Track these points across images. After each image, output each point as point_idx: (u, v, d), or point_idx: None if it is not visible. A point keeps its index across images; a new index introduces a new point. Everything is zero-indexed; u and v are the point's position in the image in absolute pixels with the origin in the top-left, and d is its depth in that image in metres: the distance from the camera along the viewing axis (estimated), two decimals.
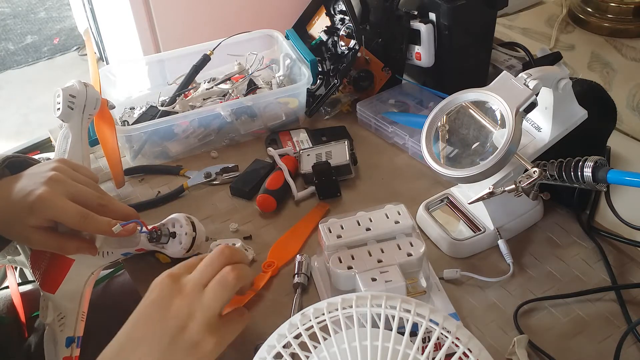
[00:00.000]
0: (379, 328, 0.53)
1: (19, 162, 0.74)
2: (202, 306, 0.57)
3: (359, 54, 1.02)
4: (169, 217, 0.73)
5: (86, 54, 2.69)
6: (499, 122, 0.74)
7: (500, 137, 0.73)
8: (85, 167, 0.75)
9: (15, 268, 1.05)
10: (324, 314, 0.55)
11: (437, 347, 0.52)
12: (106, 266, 0.77)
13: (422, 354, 0.51)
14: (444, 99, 0.78)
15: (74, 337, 0.72)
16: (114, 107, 0.92)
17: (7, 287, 0.94)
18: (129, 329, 0.57)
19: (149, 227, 0.72)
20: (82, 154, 0.81)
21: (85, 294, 0.74)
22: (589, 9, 1.31)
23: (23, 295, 0.92)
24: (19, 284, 0.97)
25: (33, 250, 0.75)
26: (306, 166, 0.93)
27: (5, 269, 1.09)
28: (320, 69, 1.06)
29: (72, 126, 0.81)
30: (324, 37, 1.09)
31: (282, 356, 0.53)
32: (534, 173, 0.69)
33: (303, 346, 0.54)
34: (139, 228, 0.71)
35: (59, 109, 0.81)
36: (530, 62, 1.06)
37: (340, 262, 0.70)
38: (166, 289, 0.57)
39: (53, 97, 0.81)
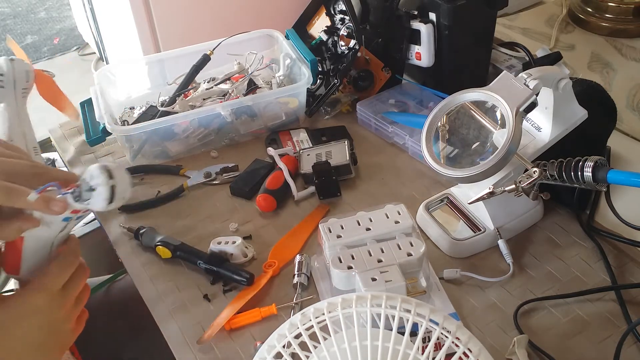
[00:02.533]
0: (379, 328, 0.53)
1: None
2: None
3: (359, 54, 1.02)
4: (86, 170, 0.69)
5: (86, 54, 2.69)
6: (499, 122, 0.74)
7: (500, 137, 0.73)
8: (15, 146, 0.68)
9: None
10: (324, 314, 0.55)
11: (437, 347, 0.52)
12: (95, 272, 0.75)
13: (422, 354, 0.51)
14: (444, 99, 0.78)
15: None
16: (54, 75, 0.90)
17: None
18: None
19: (69, 187, 0.68)
20: (23, 132, 0.78)
21: None
22: (589, 9, 1.31)
23: None
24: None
25: None
26: (306, 166, 0.93)
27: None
28: (320, 69, 1.06)
29: (8, 105, 0.79)
30: (324, 37, 1.09)
31: (282, 356, 0.53)
32: (534, 173, 0.69)
33: (303, 346, 0.54)
34: (56, 190, 0.68)
35: None
36: (530, 62, 1.06)
37: (340, 262, 0.70)
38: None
39: None
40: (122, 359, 0.93)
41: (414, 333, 0.53)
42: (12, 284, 0.98)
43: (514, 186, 0.71)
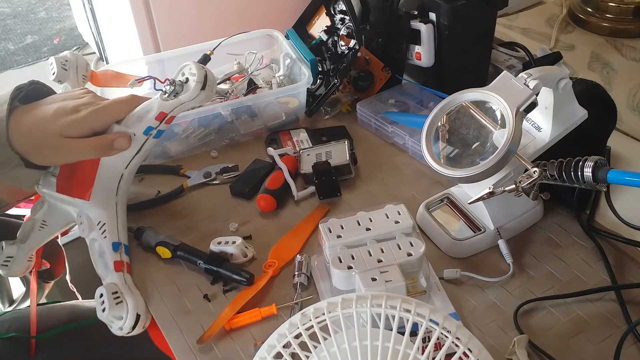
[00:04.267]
0: (379, 328, 0.53)
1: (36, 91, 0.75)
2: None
3: (359, 54, 1.02)
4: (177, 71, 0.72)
5: (86, 54, 2.69)
6: (499, 122, 0.74)
7: (500, 137, 0.73)
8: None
9: (41, 287, 1.05)
10: (324, 314, 0.55)
11: (437, 347, 0.52)
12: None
13: (422, 354, 0.51)
14: (444, 99, 0.78)
15: (120, 242, 0.73)
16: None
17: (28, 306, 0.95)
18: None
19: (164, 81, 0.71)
20: None
21: (120, 201, 0.75)
22: (589, 9, 1.31)
23: (42, 311, 0.92)
24: (43, 304, 0.98)
25: (60, 172, 0.75)
26: (306, 166, 0.93)
27: (29, 284, 1.09)
28: (320, 69, 1.06)
29: (70, 85, 0.86)
30: (324, 37, 1.09)
31: (282, 356, 0.53)
32: (534, 173, 0.69)
33: (303, 346, 0.54)
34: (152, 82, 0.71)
35: (54, 73, 0.87)
36: (530, 62, 1.06)
37: (340, 262, 0.70)
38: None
39: (47, 67, 0.88)
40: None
41: (414, 333, 0.53)
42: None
43: (514, 186, 0.71)
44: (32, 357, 0.88)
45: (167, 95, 0.68)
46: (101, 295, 0.69)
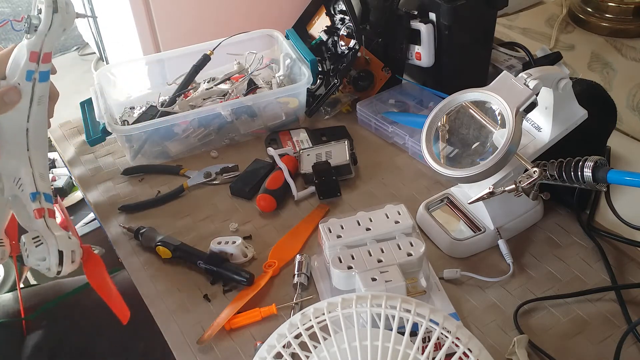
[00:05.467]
0: (379, 328, 0.53)
1: None
2: None
3: (359, 54, 1.02)
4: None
5: (86, 54, 2.69)
6: (499, 122, 0.74)
7: (500, 137, 0.73)
8: None
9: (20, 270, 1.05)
10: (324, 314, 0.55)
11: (437, 347, 0.52)
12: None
13: (422, 354, 0.51)
14: (444, 99, 0.78)
15: (38, 191, 0.71)
16: None
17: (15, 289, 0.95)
18: None
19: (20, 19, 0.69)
20: None
21: (33, 154, 0.71)
22: (589, 9, 1.31)
23: (28, 293, 0.92)
24: (27, 286, 0.98)
25: None
26: (306, 166, 0.93)
27: (9, 269, 1.08)
28: (320, 69, 1.06)
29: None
30: (324, 37, 1.09)
31: (282, 356, 0.53)
32: (534, 173, 0.69)
33: (303, 346, 0.54)
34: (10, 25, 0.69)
35: None
36: (530, 62, 1.06)
37: (340, 262, 0.70)
38: None
39: None
40: (130, 347, 0.92)
41: (414, 333, 0.53)
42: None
43: (514, 186, 0.71)
44: (25, 339, 0.89)
45: (27, 33, 0.66)
46: (24, 244, 0.68)
